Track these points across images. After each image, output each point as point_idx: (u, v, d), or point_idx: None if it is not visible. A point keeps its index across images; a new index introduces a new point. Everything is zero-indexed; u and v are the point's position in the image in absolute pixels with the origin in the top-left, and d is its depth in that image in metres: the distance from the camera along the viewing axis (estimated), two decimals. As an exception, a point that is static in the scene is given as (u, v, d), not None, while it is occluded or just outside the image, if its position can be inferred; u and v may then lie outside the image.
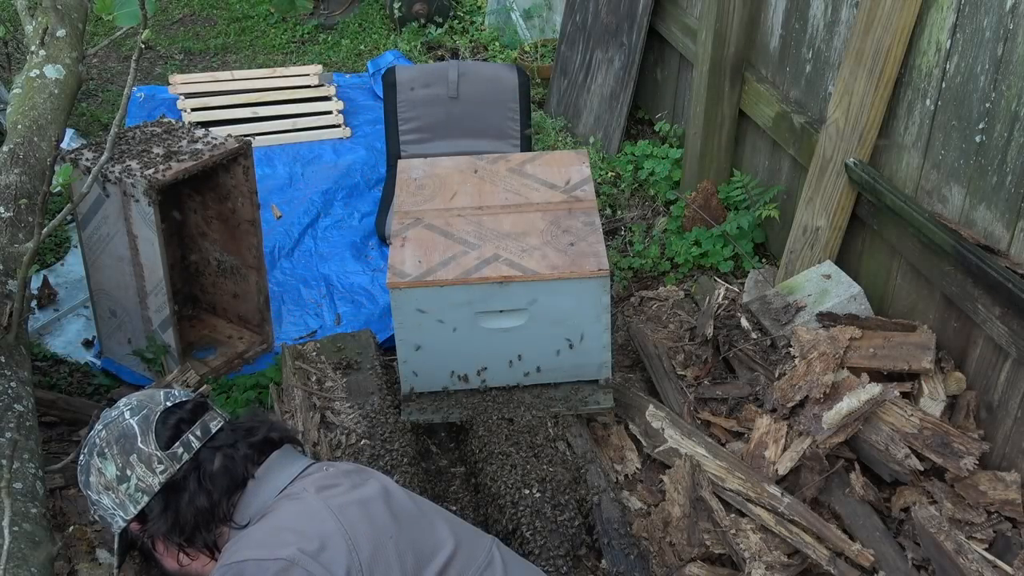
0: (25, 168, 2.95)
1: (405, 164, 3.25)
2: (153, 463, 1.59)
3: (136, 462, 1.59)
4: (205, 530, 1.60)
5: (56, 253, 4.07)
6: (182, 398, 1.68)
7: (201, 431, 1.65)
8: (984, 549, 2.45)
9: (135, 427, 1.61)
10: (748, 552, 2.52)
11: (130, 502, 1.60)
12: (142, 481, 1.59)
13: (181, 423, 1.63)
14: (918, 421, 2.64)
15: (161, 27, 6.31)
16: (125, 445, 1.59)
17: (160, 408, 1.64)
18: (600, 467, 2.75)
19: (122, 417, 1.63)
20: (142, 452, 1.59)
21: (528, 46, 5.50)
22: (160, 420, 1.62)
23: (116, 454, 1.60)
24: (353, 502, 1.62)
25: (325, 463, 1.74)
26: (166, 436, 1.61)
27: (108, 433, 1.62)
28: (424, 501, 1.78)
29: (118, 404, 1.68)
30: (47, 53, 3.38)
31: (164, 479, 1.59)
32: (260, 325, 3.55)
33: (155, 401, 1.66)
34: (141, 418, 1.62)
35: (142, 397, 1.68)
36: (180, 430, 1.62)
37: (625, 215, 4.25)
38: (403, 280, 2.70)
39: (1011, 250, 2.54)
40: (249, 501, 1.63)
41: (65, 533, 2.66)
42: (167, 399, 1.67)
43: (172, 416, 1.64)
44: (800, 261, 3.30)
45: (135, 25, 2.35)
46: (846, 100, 3.03)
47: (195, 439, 1.63)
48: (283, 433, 1.73)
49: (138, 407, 1.64)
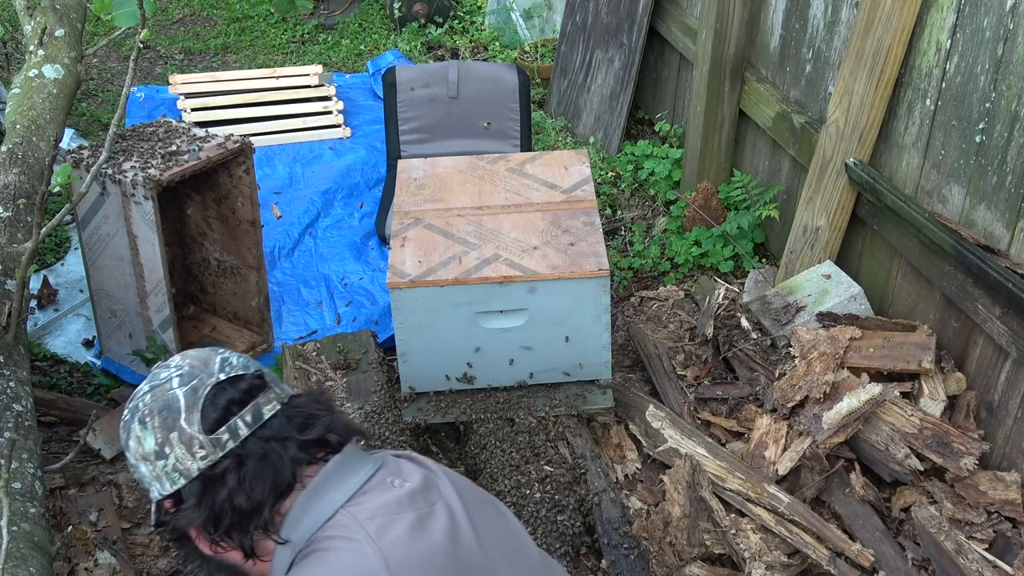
0: (24, 168, 2.95)
1: (405, 164, 3.25)
2: (194, 446, 1.42)
3: (176, 441, 1.42)
4: (242, 532, 1.43)
5: (56, 253, 4.07)
6: (238, 370, 1.48)
7: (252, 416, 1.45)
8: (984, 549, 2.45)
9: (181, 400, 1.43)
10: (748, 552, 2.51)
11: (166, 479, 1.44)
12: (180, 463, 1.42)
13: (232, 404, 1.44)
14: (918, 421, 2.64)
15: (161, 27, 6.31)
16: (167, 419, 1.42)
17: (212, 381, 1.45)
18: (600, 467, 2.75)
19: (170, 384, 1.45)
20: (183, 432, 1.42)
21: (528, 46, 5.50)
22: (209, 397, 1.44)
23: (157, 427, 1.43)
24: (416, 559, 1.40)
25: (389, 471, 1.51)
26: (213, 417, 1.43)
27: (152, 400, 1.44)
28: (492, 537, 1.53)
29: (170, 363, 1.50)
30: (46, 53, 3.38)
31: (203, 466, 1.42)
32: (260, 325, 3.55)
33: (208, 370, 1.46)
34: (189, 390, 1.44)
35: (195, 363, 1.48)
36: (229, 412, 1.44)
37: (625, 215, 4.25)
38: (403, 280, 2.70)
39: (1011, 250, 2.54)
40: (298, 516, 1.44)
41: (64, 533, 2.66)
42: (222, 369, 1.47)
43: (223, 394, 1.45)
44: (800, 261, 3.29)
45: (134, 25, 2.35)
46: (846, 100, 3.03)
47: (244, 426, 1.44)
48: (342, 434, 1.51)
49: (188, 375, 1.45)
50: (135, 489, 2.98)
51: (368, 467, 1.49)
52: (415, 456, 1.59)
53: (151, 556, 2.80)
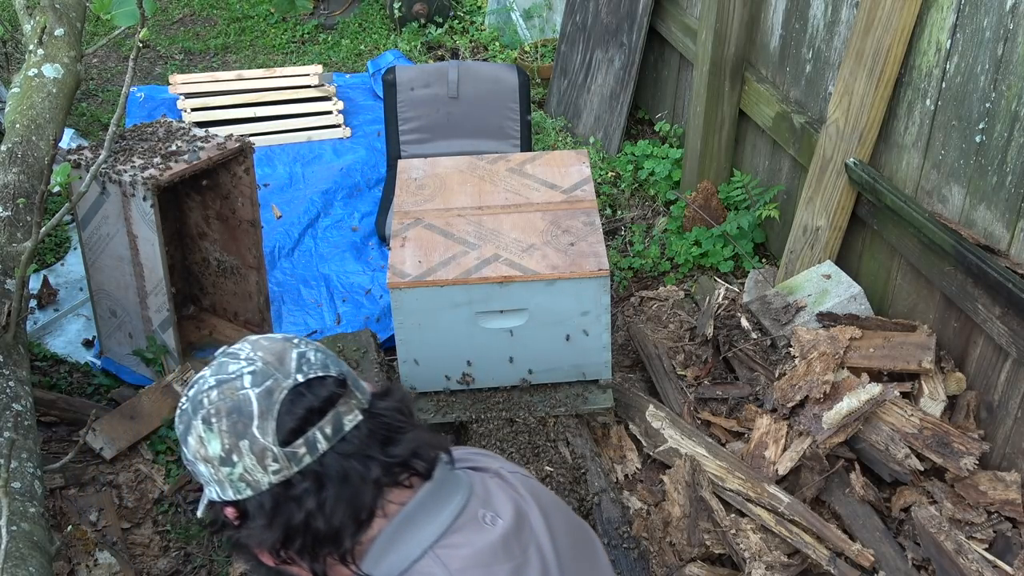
0: (23, 167, 2.95)
1: (405, 164, 3.25)
2: (266, 459, 1.25)
3: (246, 450, 1.26)
4: (313, 556, 1.29)
5: (56, 253, 4.07)
6: (317, 370, 1.30)
7: (332, 428, 1.28)
8: (984, 549, 2.45)
9: (253, 404, 1.26)
10: (748, 552, 2.51)
11: (229, 487, 1.28)
12: (249, 474, 1.26)
13: (311, 413, 1.27)
14: (918, 421, 2.64)
15: (161, 27, 6.31)
16: (237, 424, 1.26)
17: (288, 384, 1.27)
18: (600, 467, 2.75)
19: (240, 381, 1.27)
20: (256, 442, 1.25)
21: (528, 46, 5.50)
22: (286, 403, 1.27)
23: (225, 431, 1.26)
24: None
25: (479, 500, 1.37)
26: (289, 427, 1.26)
27: (220, 398, 1.27)
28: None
29: (239, 352, 1.32)
30: (45, 52, 3.38)
31: (275, 480, 1.26)
32: (260, 325, 3.55)
33: (284, 369, 1.29)
34: (263, 392, 1.26)
35: (269, 358, 1.29)
36: (308, 422, 1.27)
37: (625, 215, 4.24)
38: (403, 280, 2.70)
39: (1011, 250, 2.54)
40: (383, 549, 1.30)
41: (64, 533, 2.66)
42: (299, 369, 1.29)
43: (301, 400, 1.27)
44: (800, 261, 3.29)
45: (133, 24, 2.35)
46: (846, 100, 3.03)
47: (323, 439, 1.27)
48: (428, 456, 1.35)
49: (262, 373, 1.28)
50: (135, 489, 2.98)
51: (458, 498, 1.35)
52: (491, 465, 1.46)
53: (151, 556, 2.80)
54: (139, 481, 3.00)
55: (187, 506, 2.95)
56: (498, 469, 1.45)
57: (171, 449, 3.10)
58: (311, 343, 1.35)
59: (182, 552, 2.82)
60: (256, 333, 3.55)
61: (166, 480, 3.01)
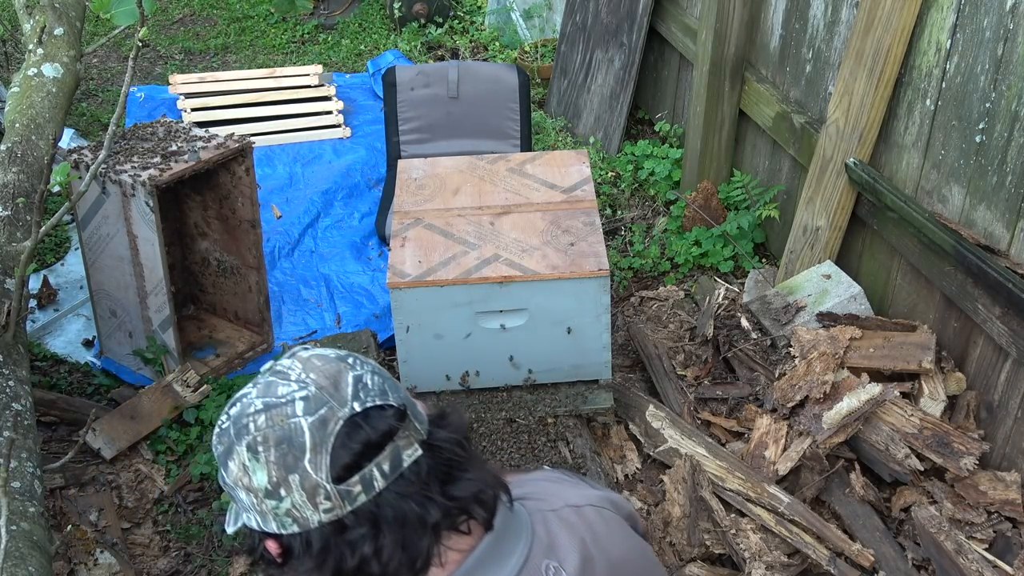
0: (23, 167, 2.95)
1: (405, 164, 3.25)
2: (318, 496, 1.13)
3: (296, 486, 1.14)
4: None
5: (56, 253, 4.07)
6: (375, 397, 1.17)
7: (390, 465, 1.15)
8: (984, 549, 2.44)
9: (306, 435, 1.13)
10: (748, 552, 2.51)
11: (273, 520, 1.16)
12: (297, 510, 1.14)
13: (368, 448, 1.14)
14: (918, 421, 2.64)
15: (161, 27, 6.31)
16: (287, 457, 1.13)
17: (344, 414, 1.15)
18: (600, 467, 2.75)
19: (292, 407, 1.15)
20: (307, 477, 1.13)
21: (528, 46, 5.50)
22: (342, 436, 1.14)
23: (273, 462, 1.14)
24: None
25: (541, 546, 1.28)
26: (344, 462, 1.13)
27: (268, 425, 1.15)
28: None
29: (288, 372, 1.18)
30: (45, 52, 3.38)
31: (325, 519, 1.14)
32: (260, 325, 3.55)
33: (339, 395, 1.16)
34: (317, 422, 1.14)
35: (322, 381, 1.17)
36: (364, 458, 1.14)
37: (625, 215, 4.24)
38: (403, 280, 2.70)
39: (1011, 250, 2.54)
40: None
41: (64, 533, 2.66)
42: (356, 396, 1.16)
43: (358, 433, 1.15)
44: (800, 261, 3.29)
45: (133, 24, 2.35)
46: (846, 100, 3.03)
47: (380, 476, 1.15)
48: (490, 501, 1.23)
49: (316, 399, 1.15)
50: (135, 489, 2.98)
51: (520, 547, 1.25)
52: (563, 495, 1.36)
53: (151, 556, 2.80)
54: (139, 481, 3.00)
55: (187, 506, 2.95)
56: (566, 503, 1.36)
57: (171, 449, 3.10)
58: (367, 363, 1.22)
59: (182, 552, 2.82)
60: (256, 333, 3.58)
61: (166, 480, 3.01)
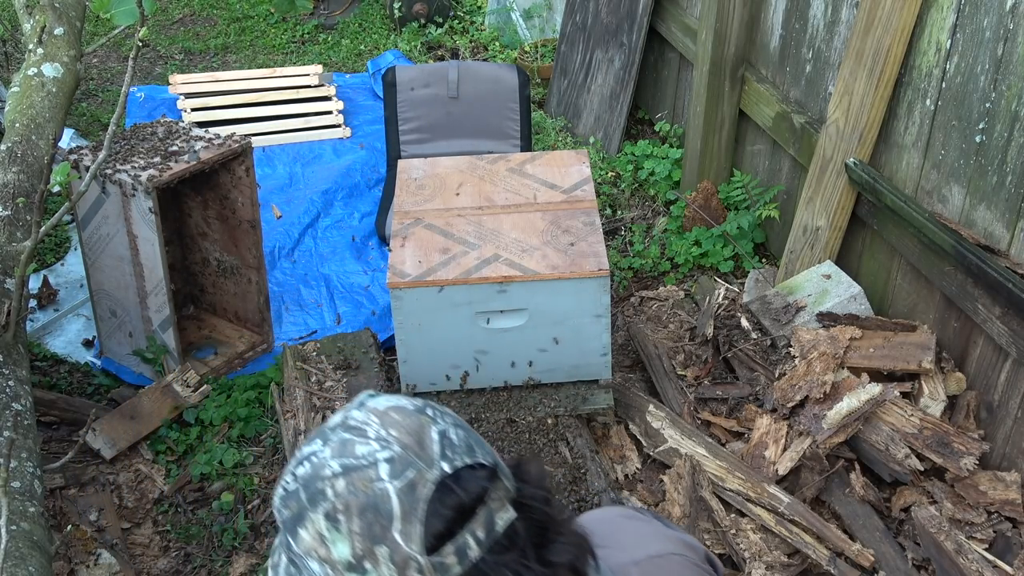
0: (23, 167, 2.95)
1: (405, 164, 3.25)
2: (409, 569, 1.02)
3: (384, 559, 1.02)
4: None
5: (56, 253, 4.07)
6: (464, 457, 1.06)
7: (485, 530, 1.05)
8: (984, 549, 2.44)
9: (393, 501, 1.03)
10: (748, 552, 2.51)
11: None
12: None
13: (461, 511, 1.04)
14: (918, 421, 2.64)
15: (161, 27, 6.31)
16: (374, 527, 1.02)
17: (434, 476, 1.04)
18: (600, 467, 2.75)
19: (375, 471, 1.03)
20: (397, 549, 1.02)
21: (528, 46, 5.50)
22: (433, 501, 1.03)
23: (356, 531, 1.02)
24: None
25: None
26: (436, 530, 1.03)
27: (350, 491, 1.03)
28: None
29: (365, 427, 1.07)
30: (45, 51, 3.38)
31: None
32: (260, 325, 3.55)
33: (426, 455, 1.05)
34: (406, 488, 1.03)
35: (406, 439, 1.05)
36: (457, 524, 1.04)
37: (625, 215, 4.24)
38: (403, 280, 2.70)
39: (1011, 250, 2.54)
40: None
41: (64, 533, 2.66)
42: (443, 455, 1.05)
43: (450, 497, 1.04)
44: (800, 261, 3.29)
45: (133, 24, 2.35)
46: (846, 100, 3.03)
47: (474, 544, 1.04)
48: (585, 571, 1.13)
49: (401, 460, 1.04)
50: (135, 489, 2.98)
51: None
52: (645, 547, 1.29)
53: (151, 556, 2.80)
54: (139, 481, 3.00)
55: (187, 506, 2.95)
56: (647, 553, 1.28)
57: (171, 449, 3.10)
58: (447, 414, 1.12)
59: (182, 552, 2.82)
60: (256, 333, 3.58)
61: (166, 480, 3.01)
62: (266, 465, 3.07)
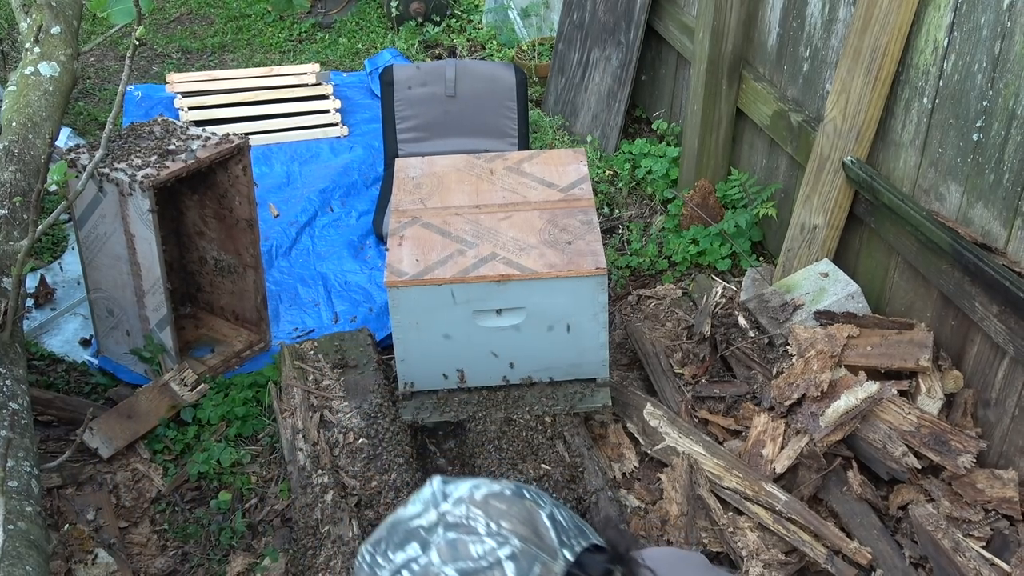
0: (20, 166, 2.95)
1: (403, 163, 3.25)
2: None
3: None
4: None
5: (53, 252, 4.07)
6: (579, 540, 1.00)
7: None
8: (982, 547, 2.45)
9: None
10: (746, 550, 2.51)
11: None
12: None
13: None
14: (916, 419, 2.64)
15: (158, 26, 6.31)
16: None
17: (561, 569, 0.96)
18: (598, 465, 2.75)
19: (500, 572, 0.95)
20: None
21: (525, 45, 5.50)
22: None
23: None
24: None
25: None
26: None
27: None
28: None
29: (474, 523, 0.97)
30: (42, 50, 3.37)
31: None
32: (257, 324, 3.55)
33: (547, 546, 0.97)
34: None
35: (522, 530, 0.97)
36: None
37: (623, 214, 4.24)
38: (401, 279, 2.70)
39: (1008, 248, 2.54)
40: None
41: (62, 532, 2.66)
42: (561, 541, 0.99)
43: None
44: (798, 259, 3.29)
45: (130, 22, 2.34)
46: (843, 98, 3.03)
47: None
48: None
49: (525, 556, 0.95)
50: (132, 488, 2.98)
51: None
52: None
53: (148, 555, 2.80)
54: (136, 480, 3.00)
55: (184, 505, 2.95)
56: None
57: (168, 448, 3.10)
58: (541, 493, 1.04)
59: (179, 551, 2.81)
60: (253, 332, 3.58)
61: (163, 479, 3.01)
62: (263, 464, 3.07)
